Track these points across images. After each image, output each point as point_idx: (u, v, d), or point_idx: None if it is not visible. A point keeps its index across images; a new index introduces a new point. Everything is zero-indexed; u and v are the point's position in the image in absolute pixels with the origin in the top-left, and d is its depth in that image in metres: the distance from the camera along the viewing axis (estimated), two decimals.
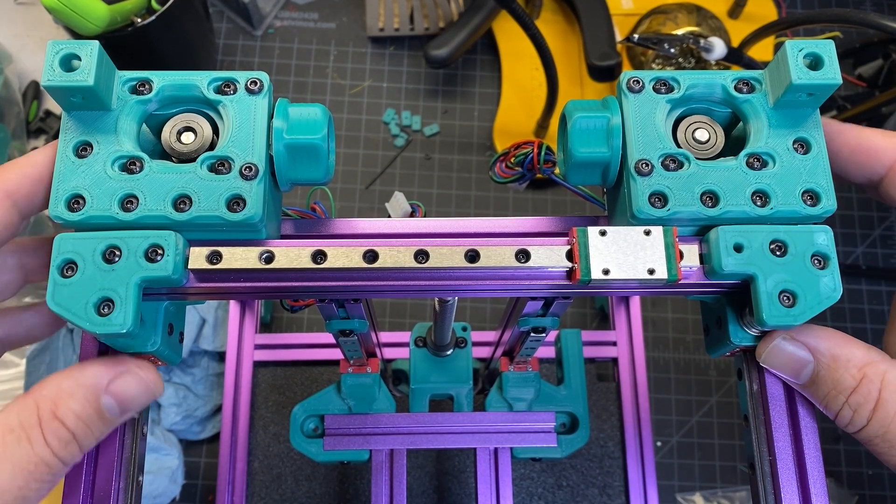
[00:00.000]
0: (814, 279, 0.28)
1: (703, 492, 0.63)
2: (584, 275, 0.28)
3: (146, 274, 0.27)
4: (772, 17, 0.77)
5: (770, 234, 0.28)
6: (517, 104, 0.74)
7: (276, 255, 0.29)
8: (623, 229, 0.29)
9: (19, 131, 0.70)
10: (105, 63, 0.28)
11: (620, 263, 0.29)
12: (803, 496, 0.30)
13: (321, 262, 0.29)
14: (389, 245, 0.29)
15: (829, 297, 0.28)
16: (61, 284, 0.27)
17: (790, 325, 0.28)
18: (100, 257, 0.27)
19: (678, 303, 0.69)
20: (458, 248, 0.29)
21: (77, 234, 0.28)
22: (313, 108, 0.30)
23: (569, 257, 0.29)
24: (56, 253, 0.28)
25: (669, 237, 0.29)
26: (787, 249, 0.28)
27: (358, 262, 0.29)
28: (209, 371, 0.64)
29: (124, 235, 0.28)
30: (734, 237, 0.28)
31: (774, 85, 0.30)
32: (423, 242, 0.29)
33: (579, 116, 0.30)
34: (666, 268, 0.28)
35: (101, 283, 0.27)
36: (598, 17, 0.69)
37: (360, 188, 0.71)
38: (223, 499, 0.58)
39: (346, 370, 0.47)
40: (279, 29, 0.77)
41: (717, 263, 0.28)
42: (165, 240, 0.28)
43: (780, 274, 0.28)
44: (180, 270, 0.28)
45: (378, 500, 0.45)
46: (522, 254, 0.29)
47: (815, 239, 0.28)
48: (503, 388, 0.48)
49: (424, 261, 0.29)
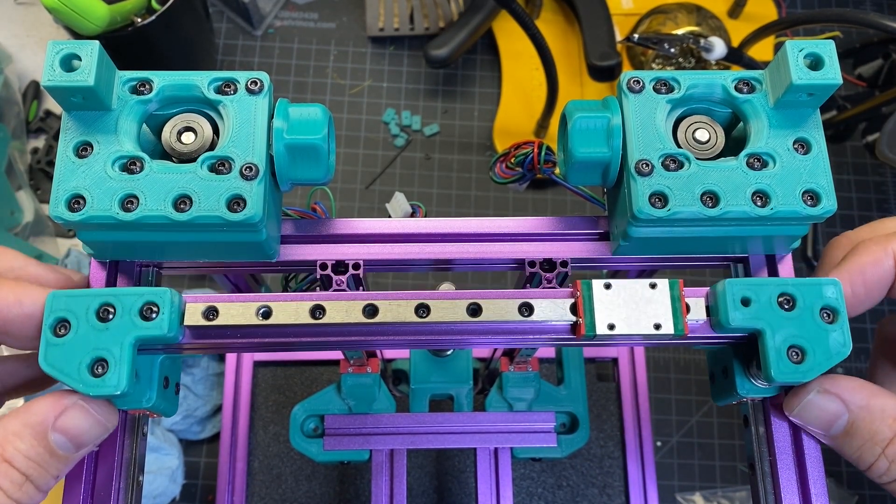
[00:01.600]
0: (823, 334, 0.28)
1: (703, 492, 0.63)
2: (588, 330, 0.28)
3: (141, 333, 0.27)
4: (772, 17, 0.77)
5: (778, 288, 0.28)
6: (517, 104, 0.73)
7: (274, 311, 0.28)
8: (628, 282, 0.29)
9: (19, 131, 0.70)
10: (105, 63, 0.28)
11: (626, 318, 0.28)
12: (803, 496, 0.30)
13: (320, 317, 0.28)
14: (389, 299, 0.29)
15: (838, 353, 0.27)
16: (54, 344, 0.26)
17: (799, 381, 0.28)
18: (93, 315, 0.27)
19: None
20: (460, 301, 0.29)
21: (70, 291, 0.27)
22: (313, 108, 0.30)
23: (573, 311, 0.29)
24: (48, 311, 0.27)
25: (676, 290, 0.28)
26: (795, 303, 0.28)
27: (357, 318, 0.28)
28: (209, 371, 0.64)
29: (118, 293, 0.27)
30: (741, 290, 0.28)
31: (775, 85, 0.30)
32: (424, 295, 0.29)
33: (579, 116, 0.30)
34: (672, 322, 0.28)
35: (95, 343, 0.26)
36: (598, 17, 0.69)
37: (360, 188, 0.71)
38: (223, 499, 0.58)
39: (346, 370, 0.47)
40: (279, 29, 0.77)
41: (724, 317, 0.28)
42: (160, 297, 0.27)
43: (788, 329, 0.28)
44: (176, 328, 0.28)
45: (378, 500, 0.45)
46: (525, 307, 0.29)
47: (823, 292, 0.28)
48: (503, 388, 0.48)
49: (425, 315, 0.28)
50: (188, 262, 0.33)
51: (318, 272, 0.33)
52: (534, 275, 0.33)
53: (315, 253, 0.33)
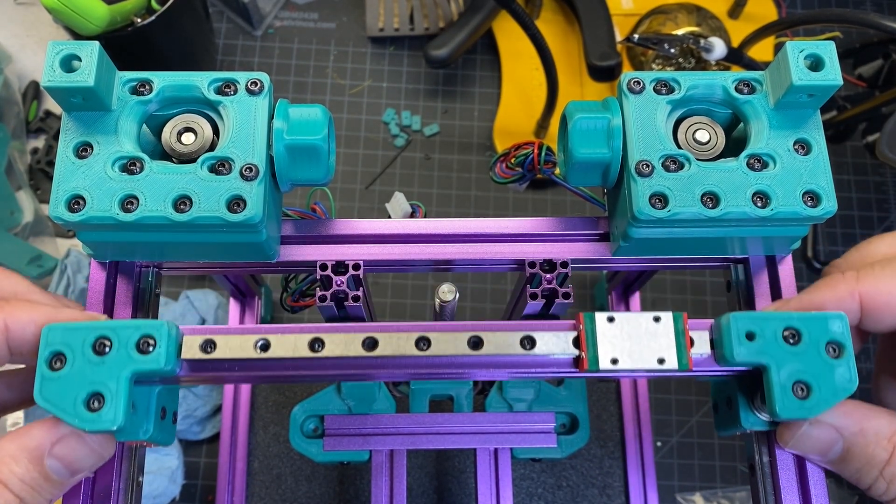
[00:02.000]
0: (828, 369, 0.27)
1: (703, 492, 0.63)
2: (591, 365, 0.28)
3: (138, 367, 0.26)
4: (772, 17, 0.77)
5: (783, 322, 0.28)
6: (517, 104, 0.73)
7: (272, 344, 0.28)
8: (632, 316, 0.28)
9: (19, 131, 0.70)
10: (105, 63, 0.28)
11: (629, 352, 0.28)
12: (803, 497, 0.30)
13: (319, 350, 0.28)
14: (389, 331, 0.28)
15: (844, 389, 0.27)
16: (49, 378, 0.26)
17: (804, 417, 0.27)
18: (90, 349, 0.26)
19: (678, 303, 0.69)
20: (461, 333, 0.28)
21: (66, 324, 0.27)
22: (313, 108, 0.30)
23: (576, 344, 0.28)
24: (44, 345, 0.26)
25: (680, 324, 0.28)
26: (800, 338, 0.27)
27: (357, 351, 0.28)
28: None
29: (115, 326, 0.27)
30: (746, 325, 0.28)
31: (775, 86, 0.30)
32: (424, 327, 0.28)
33: (580, 117, 0.30)
34: (676, 357, 0.28)
35: (91, 377, 0.26)
36: (598, 17, 0.69)
37: (360, 188, 0.71)
38: (223, 499, 0.58)
39: None
40: (279, 29, 0.77)
41: (729, 352, 0.28)
42: (157, 330, 0.27)
43: (793, 364, 0.27)
44: (173, 361, 0.27)
45: (378, 500, 0.45)
46: (528, 340, 0.28)
47: (829, 326, 0.28)
48: (503, 389, 0.48)
49: (426, 348, 0.28)
50: (188, 263, 0.33)
51: (318, 272, 0.33)
52: (534, 275, 0.33)
53: (315, 253, 0.33)
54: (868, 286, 0.28)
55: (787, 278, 0.33)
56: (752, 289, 0.33)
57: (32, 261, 0.64)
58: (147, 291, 0.33)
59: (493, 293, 0.69)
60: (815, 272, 0.69)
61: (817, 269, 0.69)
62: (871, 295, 0.28)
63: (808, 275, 0.69)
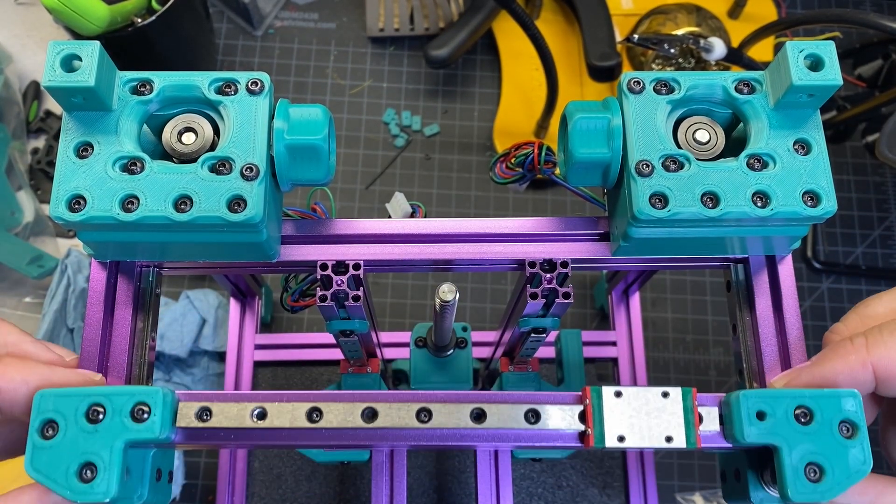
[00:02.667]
0: (842, 451, 0.27)
1: (703, 492, 0.63)
2: (598, 442, 0.28)
3: (132, 435, 0.26)
4: (772, 18, 0.77)
5: (795, 400, 0.27)
6: (517, 104, 0.74)
7: (270, 412, 0.28)
8: (640, 391, 0.28)
9: (19, 131, 0.70)
10: (106, 63, 0.28)
11: (637, 429, 0.28)
12: None
13: (317, 421, 0.28)
14: (390, 401, 0.28)
15: (858, 472, 0.27)
16: (41, 447, 0.26)
17: (817, 501, 0.27)
18: (82, 417, 0.26)
19: (678, 303, 0.69)
20: (464, 405, 0.28)
21: (59, 390, 0.26)
22: (314, 108, 0.30)
23: (581, 419, 0.28)
24: (36, 412, 0.26)
25: (689, 401, 0.28)
26: (812, 417, 0.27)
27: (356, 422, 0.28)
28: (209, 371, 0.64)
29: (109, 393, 0.26)
30: (757, 404, 0.27)
31: (775, 86, 0.30)
32: (426, 397, 0.28)
33: (580, 117, 0.30)
34: (684, 435, 0.27)
35: (84, 446, 0.25)
36: (598, 17, 0.69)
37: (360, 188, 0.71)
38: (223, 499, 0.58)
39: (346, 370, 0.47)
40: (279, 29, 0.77)
41: (739, 432, 0.27)
42: (152, 397, 0.26)
43: (805, 444, 0.27)
44: (168, 429, 0.27)
45: (378, 500, 0.45)
46: (532, 413, 0.28)
47: (842, 405, 0.27)
48: (503, 389, 0.48)
49: (427, 420, 0.28)
50: (188, 263, 0.33)
51: (319, 272, 0.33)
52: (534, 275, 0.33)
53: (315, 253, 0.33)
54: (880, 355, 0.27)
55: (787, 278, 0.33)
56: (752, 289, 0.33)
57: (33, 261, 0.64)
58: (147, 291, 0.33)
59: (493, 293, 0.69)
60: (815, 272, 0.69)
61: (817, 269, 0.69)
62: (884, 364, 0.27)
63: (808, 275, 0.69)
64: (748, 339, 0.33)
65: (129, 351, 0.32)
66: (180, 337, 0.62)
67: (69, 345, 0.63)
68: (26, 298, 0.66)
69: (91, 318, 0.31)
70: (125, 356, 0.31)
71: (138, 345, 0.32)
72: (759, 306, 0.33)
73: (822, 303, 0.69)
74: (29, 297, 0.66)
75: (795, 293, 0.33)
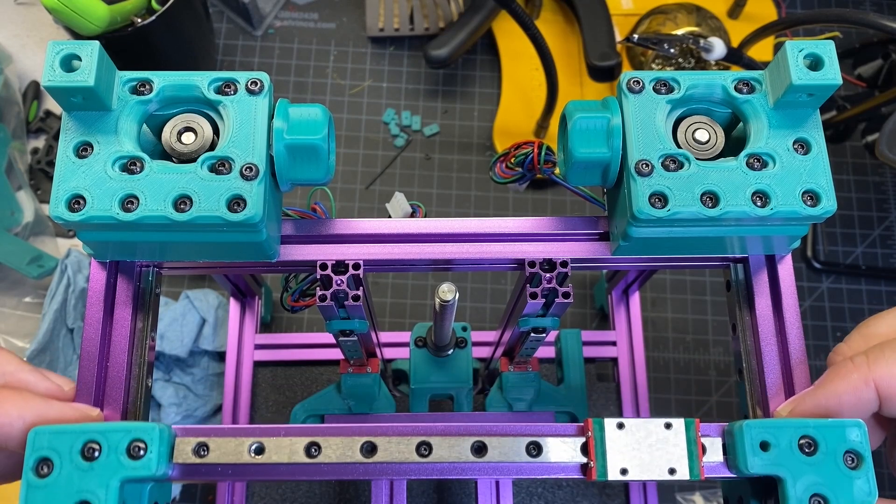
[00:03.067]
0: (847, 482, 0.26)
1: (703, 492, 0.63)
2: (600, 475, 0.27)
3: (128, 473, 0.26)
4: (771, 17, 0.77)
5: (799, 430, 0.27)
6: (517, 104, 0.74)
7: (267, 447, 0.28)
8: (642, 423, 0.28)
9: (19, 131, 0.70)
10: (105, 63, 0.28)
11: (640, 461, 0.27)
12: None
13: (316, 455, 0.28)
14: (389, 435, 0.28)
15: (863, 503, 0.26)
16: (35, 486, 0.25)
17: None
18: (78, 454, 0.26)
19: (678, 303, 0.69)
20: (464, 437, 0.28)
21: (54, 427, 0.26)
22: (313, 108, 0.30)
23: (584, 451, 0.28)
24: (30, 450, 0.26)
25: (692, 432, 0.28)
26: (817, 447, 0.27)
27: (355, 456, 0.28)
28: (209, 371, 0.64)
29: (104, 429, 0.26)
30: (760, 434, 0.27)
31: (774, 85, 0.30)
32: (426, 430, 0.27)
33: (579, 117, 0.30)
34: (688, 466, 0.27)
35: (79, 484, 0.25)
36: (598, 17, 0.69)
37: (360, 188, 0.71)
38: (223, 499, 0.58)
39: (346, 370, 0.47)
40: (279, 29, 0.77)
41: (743, 463, 0.27)
42: (149, 433, 0.26)
43: (810, 476, 0.26)
44: (165, 466, 0.27)
45: (378, 500, 0.45)
46: (534, 446, 0.28)
47: (847, 435, 0.27)
48: (503, 388, 0.48)
49: (427, 453, 0.28)
50: (188, 263, 0.33)
51: (318, 272, 0.33)
52: (534, 275, 0.33)
53: (315, 253, 0.33)
54: (882, 372, 0.27)
55: (787, 278, 0.33)
56: (752, 288, 0.33)
57: (33, 261, 0.64)
58: (147, 291, 0.33)
59: (493, 293, 0.69)
60: (814, 272, 0.69)
61: (817, 268, 0.69)
62: (886, 381, 0.27)
63: (808, 274, 0.69)
64: (748, 338, 0.33)
65: (128, 351, 0.32)
66: (180, 337, 0.62)
67: (69, 345, 0.63)
68: (26, 298, 0.66)
69: (91, 318, 0.31)
70: (125, 356, 0.32)
71: (138, 345, 0.32)
72: (758, 306, 0.33)
73: (822, 302, 0.69)
74: (29, 297, 0.66)
75: (795, 293, 0.33)
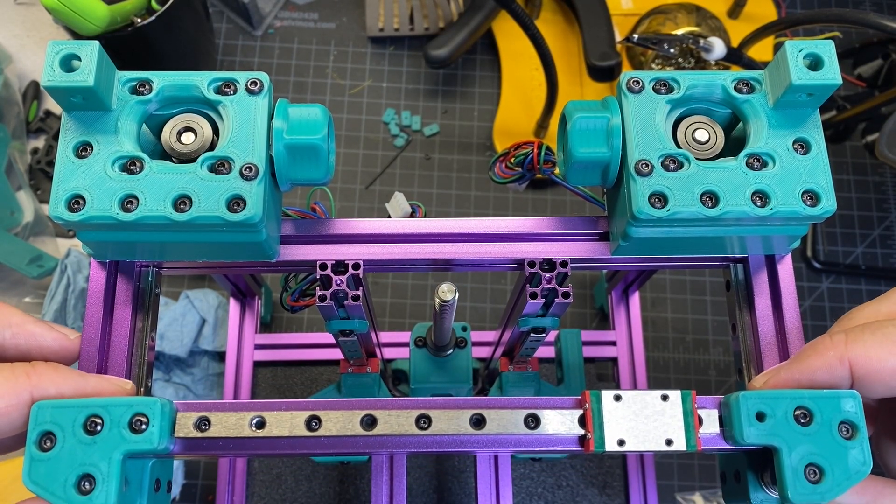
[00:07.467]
0: (842, 451, 0.27)
1: (703, 492, 0.63)
2: (598, 446, 0.28)
3: (130, 447, 0.26)
4: (771, 17, 0.77)
5: (794, 401, 0.27)
6: (517, 104, 0.74)
7: (268, 421, 0.28)
8: (639, 394, 0.28)
9: (19, 131, 0.70)
10: (105, 63, 0.28)
11: (637, 432, 0.28)
12: None
13: (316, 429, 0.28)
14: (389, 408, 0.28)
15: (858, 472, 0.27)
16: (39, 460, 0.25)
17: (817, 502, 0.27)
18: (80, 428, 0.26)
19: (678, 303, 0.69)
20: (463, 410, 0.28)
21: (56, 402, 0.26)
22: (313, 108, 0.30)
23: (581, 423, 0.28)
24: (33, 424, 0.26)
25: (688, 403, 0.28)
26: (812, 418, 0.27)
27: (355, 429, 0.28)
28: (209, 371, 0.64)
29: (107, 403, 0.26)
30: (756, 405, 0.27)
31: (774, 85, 0.30)
32: (425, 403, 0.28)
33: (579, 117, 0.30)
34: (684, 437, 0.28)
35: (82, 458, 0.25)
36: (598, 17, 0.69)
37: (360, 188, 0.71)
38: (223, 499, 0.58)
39: (346, 370, 0.47)
40: (279, 29, 0.77)
41: (739, 433, 0.27)
42: (150, 408, 0.26)
43: (805, 445, 0.27)
44: (166, 440, 0.27)
45: (378, 500, 0.45)
46: (532, 418, 0.28)
47: (842, 406, 0.27)
48: (503, 388, 0.48)
49: (427, 426, 0.28)
50: (188, 263, 0.33)
51: (318, 272, 0.33)
52: (533, 275, 0.33)
53: (315, 253, 0.33)
54: (857, 352, 0.27)
55: (787, 278, 0.33)
56: (752, 288, 0.33)
57: (32, 261, 0.64)
58: (147, 291, 0.33)
59: (493, 293, 0.69)
60: (814, 272, 0.69)
61: (817, 268, 0.69)
62: (860, 361, 0.27)
63: (807, 274, 0.69)
64: (748, 338, 0.33)
65: (128, 351, 0.32)
66: (180, 337, 0.62)
67: None
68: (26, 298, 0.66)
69: (90, 318, 0.31)
70: (125, 356, 0.31)
71: (138, 345, 0.32)
72: (758, 306, 0.33)
73: (822, 302, 0.69)
74: (29, 297, 0.66)
75: (795, 293, 0.33)
